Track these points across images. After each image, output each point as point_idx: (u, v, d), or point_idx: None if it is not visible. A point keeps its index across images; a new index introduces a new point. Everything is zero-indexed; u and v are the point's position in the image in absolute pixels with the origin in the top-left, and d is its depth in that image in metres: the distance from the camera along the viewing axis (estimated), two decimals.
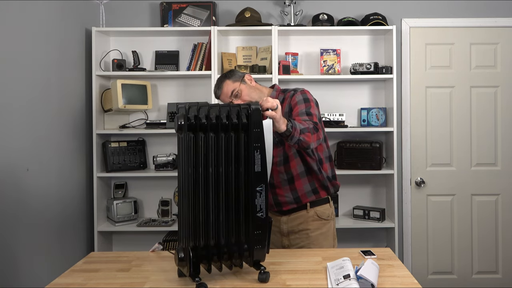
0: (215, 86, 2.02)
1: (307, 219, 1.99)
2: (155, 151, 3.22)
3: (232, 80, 1.97)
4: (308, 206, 1.99)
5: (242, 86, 1.96)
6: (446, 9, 3.21)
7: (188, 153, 1.36)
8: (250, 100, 1.93)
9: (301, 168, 1.96)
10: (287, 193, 1.98)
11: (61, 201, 2.63)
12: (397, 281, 1.44)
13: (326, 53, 3.09)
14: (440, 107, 3.23)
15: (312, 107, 1.89)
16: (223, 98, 1.99)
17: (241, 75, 2.00)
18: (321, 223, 2.01)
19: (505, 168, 3.22)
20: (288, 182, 1.97)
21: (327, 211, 2.03)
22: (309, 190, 1.98)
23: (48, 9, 2.53)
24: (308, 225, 1.99)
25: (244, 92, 1.95)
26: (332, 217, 2.06)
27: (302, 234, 1.99)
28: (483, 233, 3.23)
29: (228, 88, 1.96)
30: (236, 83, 1.96)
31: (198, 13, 3.13)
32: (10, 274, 2.13)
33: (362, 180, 3.25)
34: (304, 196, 1.98)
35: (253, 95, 1.96)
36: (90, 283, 1.46)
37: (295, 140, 1.68)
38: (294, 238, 2.01)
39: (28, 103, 2.30)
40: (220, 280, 1.45)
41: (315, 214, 1.99)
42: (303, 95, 1.93)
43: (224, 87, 1.97)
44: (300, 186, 1.97)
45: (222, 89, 1.97)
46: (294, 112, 1.88)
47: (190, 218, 1.37)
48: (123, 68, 3.01)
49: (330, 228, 2.04)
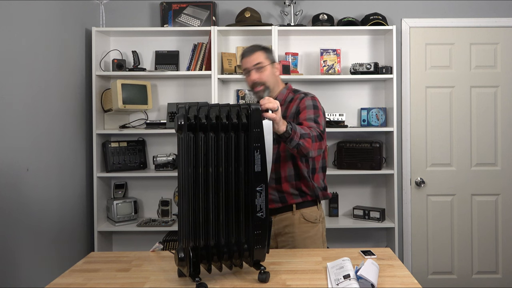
0: (247, 48, 2.02)
1: (293, 222, 1.96)
2: (155, 151, 3.22)
3: (265, 55, 1.98)
4: (294, 208, 1.96)
5: (269, 67, 1.98)
6: (446, 9, 3.21)
7: (188, 153, 1.36)
8: (265, 82, 1.95)
9: (290, 171, 1.94)
10: (272, 191, 1.95)
11: (61, 201, 2.63)
12: (397, 281, 1.44)
13: (326, 53, 3.09)
14: (440, 107, 3.23)
15: (320, 116, 1.90)
16: (246, 62, 1.98)
17: (274, 58, 2.02)
18: (308, 226, 1.96)
19: (505, 168, 3.22)
20: (275, 182, 1.95)
21: (315, 213, 1.99)
22: (296, 194, 1.96)
23: (48, 9, 2.53)
24: (294, 228, 1.95)
25: (266, 72, 1.96)
26: (321, 220, 2.02)
27: (288, 237, 1.96)
28: (483, 233, 3.23)
29: (258, 58, 1.96)
30: (267, 60, 1.98)
31: (198, 13, 3.13)
32: (10, 274, 2.13)
33: (362, 180, 3.25)
34: (290, 197, 1.95)
35: (271, 80, 1.97)
36: (90, 283, 1.46)
37: (294, 144, 1.67)
38: (280, 241, 1.98)
39: (28, 103, 2.30)
40: (220, 280, 1.45)
41: (302, 216, 1.96)
42: (313, 101, 1.94)
43: (255, 54, 1.97)
44: (286, 188, 1.95)
45: (252, 55, 1.97)
46: (302, 116, 1.88)
47: (190, 218, 1.36)
48: (123, 68, 3.01)
49: (318, 232, 2.00)
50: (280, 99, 1.99)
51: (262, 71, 1.96)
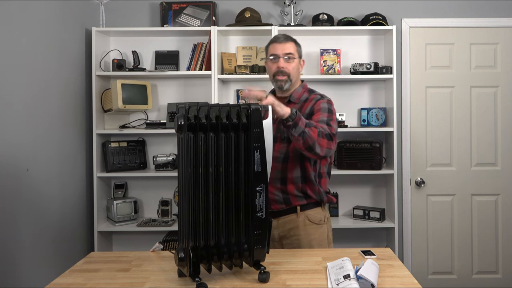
0: (279, 35, 2.04)
1: (298, 224, 1.94)
2: (155, 151, 3.22)
3: (296, 48, 2.02)
4: (298, 210, 1.94)
5: (297, 60, 2.01)
6: (446, 9, 3.21)
7: (188, 153, 1.36)
8: (290, 73, 1.97)
9: (297, 173, 1.93)
10: (277, 191, 1.94)
11: (61, 201, 2.63)
12: (397, 281, 1.44)
13: (326, 53, 3.10)
14: (440, 107, 3.22)
15: (333, 120, 1.91)
16: (277, 48, 1.98)
17: (301, 54, 2.05)
18: (313, 228, 1.95)
19: (505, 168, 3.22)
20: (280, 182, 1.93)
21: (319, 214, 1.97)
22: (301, 196, 1.94)
23: (48, 9, 2.53)
24: (299, 231, 1.94)
25: (294, 63, 1.99)
26: (326, 221, 2.00)
27: (293, 239, 1.95)
28: (483, 233, 3.23)
29: (290, 48, 1.98)
30: (297, 53, 2.01)
31: (198, 13, 3.13)
32: (10, 274, 2.13)
33: (362, 180, 3.24)
34: (294, 199, 1.94)
35: (295, 73, 2.00)
36: (90, 283, 1.46)
37: (299, 131, 1.67)
38: (286, 244, 1.96)
39: (28, 103, 2.30)
40: (220, 280, 1.45)
41: (306, 218, 1.95)
42: (328, 105, 1.94)
43: (288, 43, 1.99)
44: (291, 190, 1.93)
45: (286, 43, 1.98)
46: (315, 117, 1.88)
47: (190, 218, 1.36)
48: (123, 68, 3.01)
49: (323, 233, 1.98)
50: (295, 97, 2.00)
51: (290, 62, 1.97)
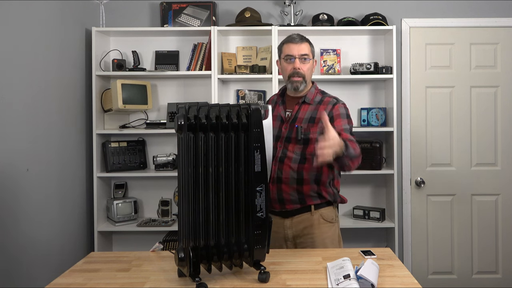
0: (294, 35, 2.05)
1: (313, 223, 1.96)
2: (155, 151, 3.22)
3: (311, 49, 2.04)
4: (312, 208, 1.96)
5: (311, 61, 2.02)
6: (446, 9, 3.21)
7: (188, 153, 1.36)
8: (305, 75, 1.98)
9: (313, 175, 1.94)
10: (292, 191, 1.95)
11: (61, 201, 2.63)
12: (397, 281, 1.44)
13: (326, 53, 3.10)
14: (440, 107, 3.22)
15: (352, 127, 1.94)
16: (293, 48, 1.99)
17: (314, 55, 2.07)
18: (327, 226, 1.98)
19: (505, 168, 3.22)
20: (296, 182, 1.94)
21: (331, 213, 2.01)
22: (315, 196, 1.97)
23: (48, 9, 2.53)
24: (313, 229, 1.96)
25: (309, 64, 2.01)
26: (336, 219, 2.04)
27: (307, 238, 1.96)
28: (483, 233, 3.23)
29: (306, 49, 2.00)
30: (311, 54, 2.03)
31: (198, 13, 3.13)
32: (10, 274, 2.13)
33: (362, 180, 3.24)
34: (309, 199, 1.96)
35: (309, 74, 2.02)
36: (90, 283, 1.46)
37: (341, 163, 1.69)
38: (299, 243, 1.98)
39: (28, 103, 2.30)
40: (220, 280, 1.45)
41: (321, 216, 1.97)
42: (345, 110, 1.97)
43: (304, 44, 2.01)
44: (307, 190, 1.95)
45: (302, 43, 2.00)
46: (337, 124, 1.89)
47: (190, 218, 1.37)
48: (123, 68, 3.01)
49: (335, 231, 2.02)
50: (309, 98, 2.01)
51: (305, 63, 1.99)
